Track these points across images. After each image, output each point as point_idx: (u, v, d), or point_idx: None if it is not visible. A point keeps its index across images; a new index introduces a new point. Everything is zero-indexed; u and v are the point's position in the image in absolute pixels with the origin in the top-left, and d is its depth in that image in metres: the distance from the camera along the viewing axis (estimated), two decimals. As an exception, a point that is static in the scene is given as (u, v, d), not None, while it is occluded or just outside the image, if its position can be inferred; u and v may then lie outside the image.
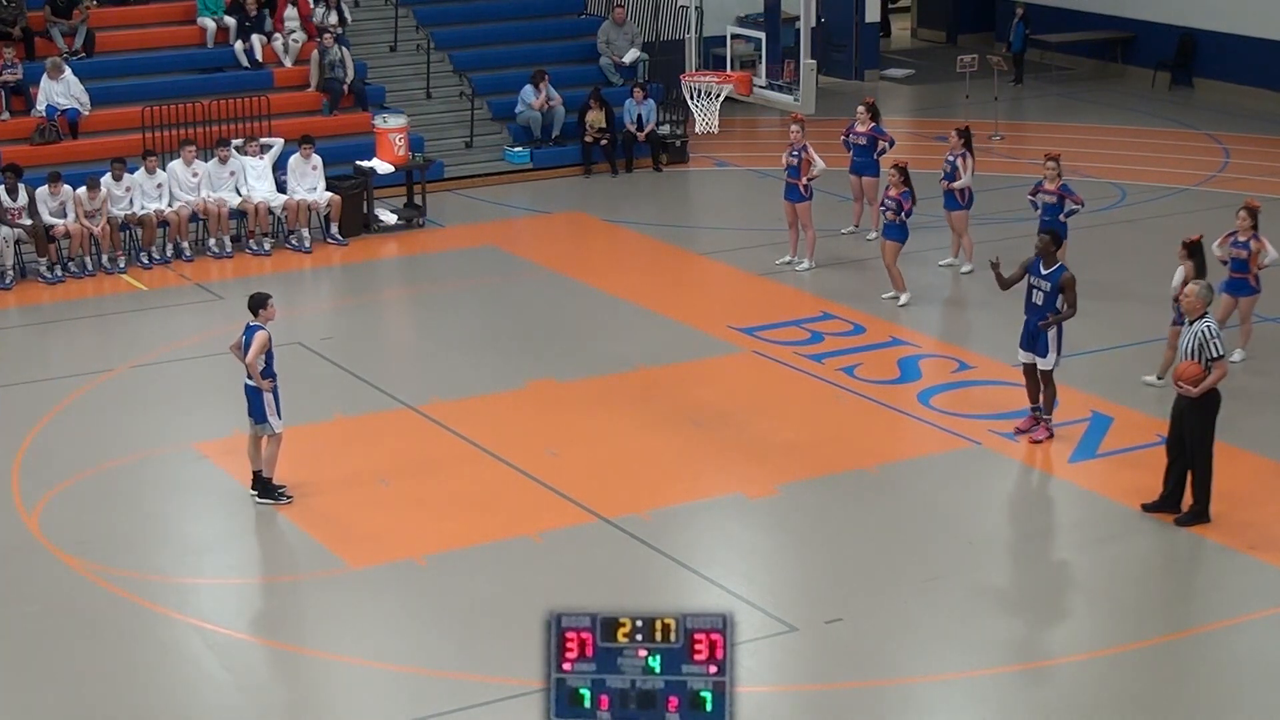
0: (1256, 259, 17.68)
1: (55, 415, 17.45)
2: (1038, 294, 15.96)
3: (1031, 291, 16.03)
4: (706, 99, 21.29)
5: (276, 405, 14.95)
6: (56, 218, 21.72)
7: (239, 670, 12.84)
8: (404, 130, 24.64)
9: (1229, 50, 31.05)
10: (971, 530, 14.86)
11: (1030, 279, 16.03)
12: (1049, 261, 15.98)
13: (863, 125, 22.39)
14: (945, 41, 36.81)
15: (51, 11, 25.45)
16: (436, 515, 15.11)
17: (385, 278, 22.98)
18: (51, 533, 14.78)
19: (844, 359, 18.60)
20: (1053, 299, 15.87)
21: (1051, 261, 16.00)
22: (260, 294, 15.08)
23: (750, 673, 12.20)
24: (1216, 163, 26.80)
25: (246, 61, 26.21)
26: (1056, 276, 15.88)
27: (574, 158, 26.79)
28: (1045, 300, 15.90)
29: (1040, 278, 15.95)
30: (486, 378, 18.25)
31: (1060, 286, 15.83)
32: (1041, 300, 15.92)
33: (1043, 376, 16.08)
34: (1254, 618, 13.29)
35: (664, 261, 22.72)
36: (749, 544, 14.88)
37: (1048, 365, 16.03)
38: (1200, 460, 14.47)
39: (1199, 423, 14.38)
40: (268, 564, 14.80)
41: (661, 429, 16.85)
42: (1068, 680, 12.47)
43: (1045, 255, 15.99)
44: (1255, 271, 17.75)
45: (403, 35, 28.03)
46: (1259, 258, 17.69)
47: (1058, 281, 15.85)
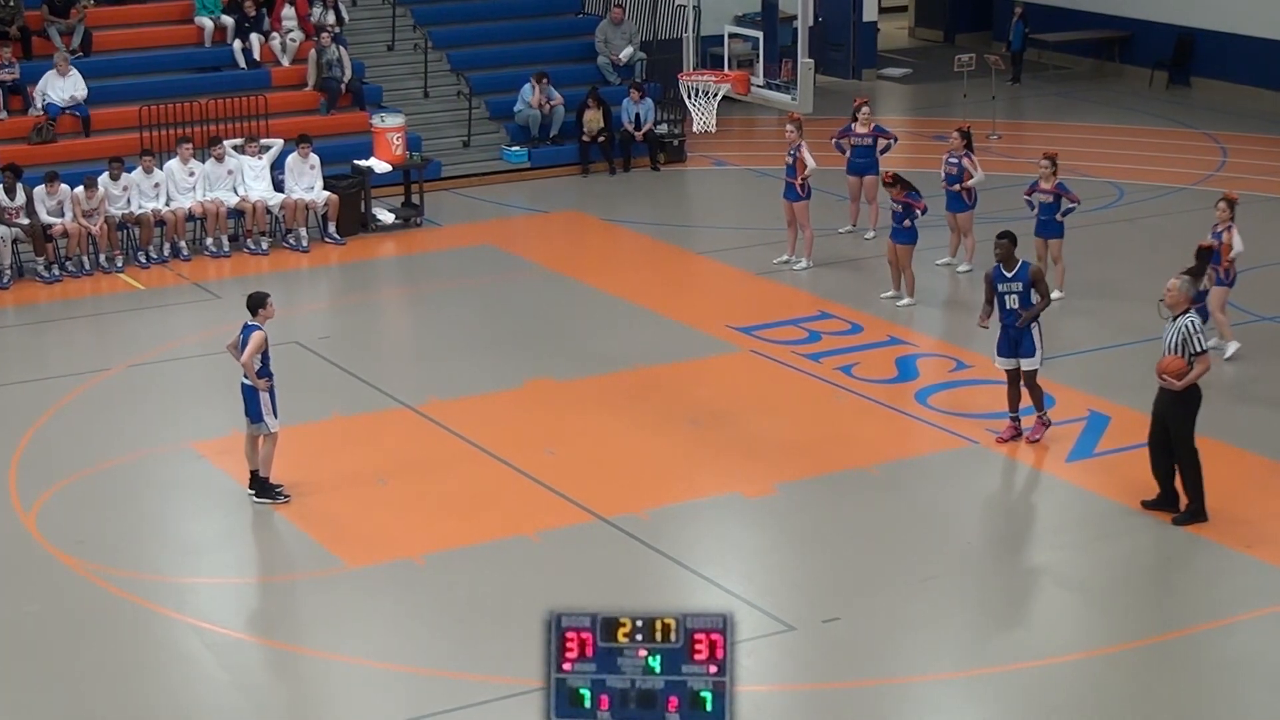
0: (1227, 251, 17.70)
1: (53, 415, 17.44)
2: (1011, 298, 15.97)
3: (1004, 298, 16.02)
4: (704, 98, 21.26)
5: (273, 404, 14.94)
6: (54, 217, 21.71)
7: (237, 670, 12.83)
8: (401, 129, 24.64)
9: (1227, 50, 31.05)
10: (969, 529, 14.87)
11: (998, 286, 16.02)
12: (1010, 264, 16.00)
13: (864, 126, 22.36)
14: (943, 41, 36.81)
15: (49, 10, 25.43)
16: (434, 515, 15.11)
17: (383, 277, 22.97)
18: (49, 532, 14.77)
19: (842, 358, 18.60)
20: (1026, 297, 15.90)
21: (1012, 263, 16.02)
22: (259, 293, 15.07)
23: (748, 672, 12.20)
24: (1214, 162, 26.81)
25: (244, 61, 26.19)
26: (1024, 274, 15.91)
27: (572, 157, 26.79)
28: (1020, 301, 15.93)
29: (1008, 281, 15.96)
30: (484, 377, 18.25)
31: (1031, 281, 15.87)
32: (1016, 302, 15.94)
33: (1026, 377, 16.06)
34: (1251, 616, 13.30)
35: (662, 261, 22.72)
36: (747, 543, 14.89)
37: (1035, 365, 16.02)
38: (1185, 457, 14.50)
39: (1181, 418, 14.41)
40: (266, 563, 14.80)
41: (660, 428, 16.85)
42: (1066, 680, 12.47)
43: (1005, 259, 16.02)
44: (1226, 264, 17.76)
45: (400, 34, 28.02)
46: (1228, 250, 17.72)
47: (1027, 278, 15.88)
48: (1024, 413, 16.23)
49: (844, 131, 22.65)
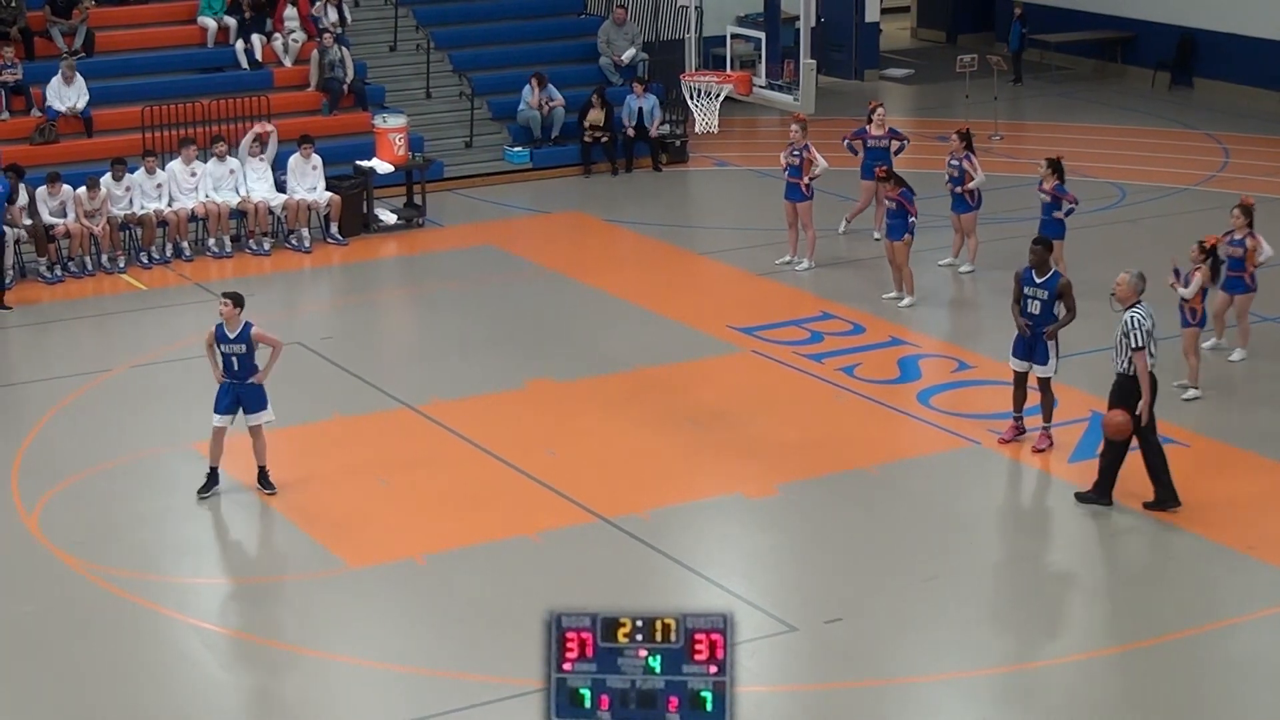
0: (1252, 257, 17.67)
1: (55, 415, 17.45)
2: (1034, 303, 15.95)
3: (1027, 301, 16.00)
4: (706, 99, 21.27)
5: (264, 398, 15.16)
6: (56, 217, 21.72)
7: (237, 670, 12.84)
8: (404, 130, 24.64)
9: (1229, 50, 31.03)
10: (971, 530, 14.87)
11: (1025, 289, 16.00)
12: (1042, 270, 15.98)
13: (879, 128, 22.18)
14: (945, 41, 36.80)
15: (51, 11, 25.43)
16: (436, 515, 15.11)
17: (385, 277, 22.97)
18: (51, 532, 14.78)
19: (844, 359, 18.60)
20: (1050, 306, 15.87)
21: (1045, 269, 16.00)
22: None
23: (750, 673, 12.20)
24: (1216, 162, 26.79)
25: (246, 62, 26.20)
26: (1053, 283, 15.89)
27: (574, 157, 26.78)
28: (1043, 308, 15.89)
29: (1035, 286, 15.94)
30: (486, 377, 18.25)
31: (1058, 293, 15.84)
32: (1039, 309, 15.91)
33: (1041, 384, 16.05)
34: (1253, 618, 13.29)
35: (664, 261, 22.72)
36: (748, 544, 14.89)
37: (1048, 372, 16.00)
38: (1144, 446, 14.69)
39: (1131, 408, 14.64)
40: (266, 564, 14.80)
41: (661, 429, 16.85)
42: (1067, 680, 12.47)
43: (1039, 264, 16.00)
44: (1251, 270, 17.74)
45: (402, 35, 28.02)
46: (1254, 255, 17.68)
47: (1055, 288, 15.86)
48: (1028, 413, 16.22)
49: (858, 134, 22.39)
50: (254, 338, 15.08)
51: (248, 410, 15.10)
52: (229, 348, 15.05)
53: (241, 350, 15.04)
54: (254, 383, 15.04)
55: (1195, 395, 17.12)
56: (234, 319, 15.06)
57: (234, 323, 15.07)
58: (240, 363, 15.05)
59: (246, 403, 15.08)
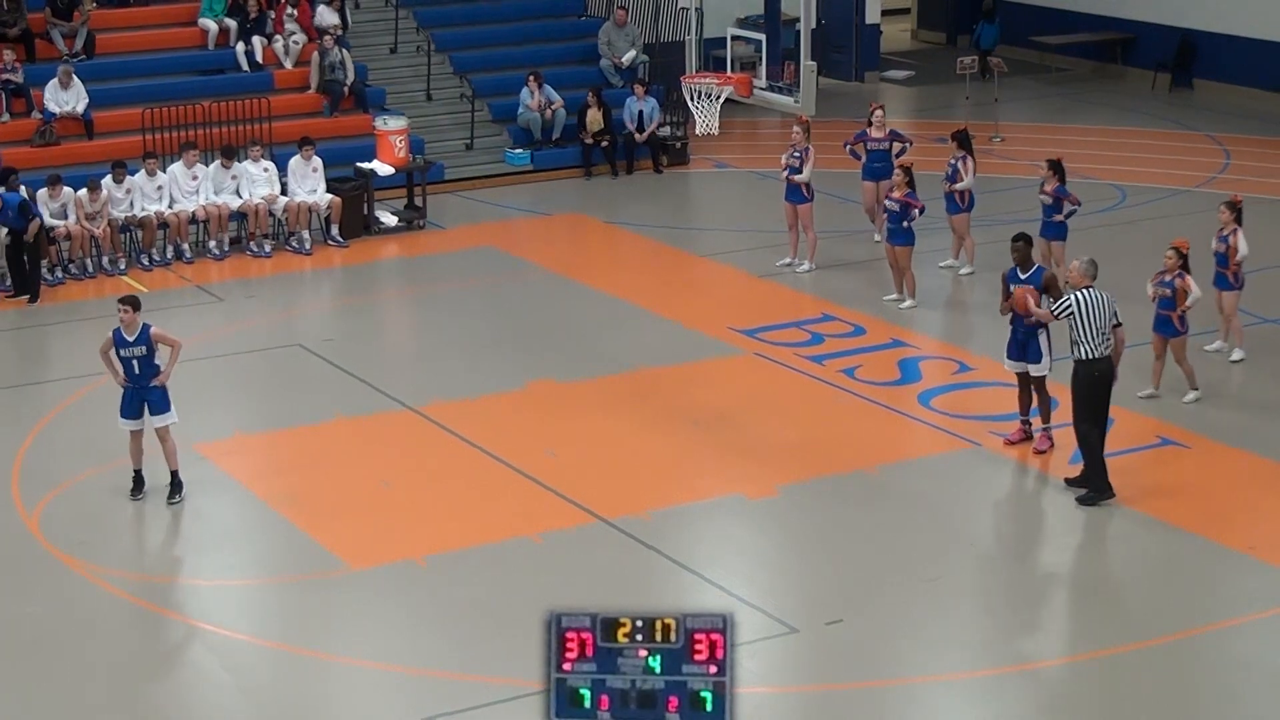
0: (1233, 254, 17.73)
1: (55, 416, 17.46)
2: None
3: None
4: (707, 101, 21.27)
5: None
6: (57, 219, 21.73)
7: (239, 671, 12.84)
8: (404, 132, 24.64)
9: (1229, 52, 31.03)
10: (972, 531, 14.87)
11: (1011, 287, 16.03)
12: (1026, 266, 16.03)
13: (879, 130, 22.12)
14: (945, 43, 36.80)
15: (52, 13, 25.44)
16: (436, 516, 15.11)
17: (385, 279, 22.98)
18: (51, 533, 14.78)
19: (844, 360, 18.60)
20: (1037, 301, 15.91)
21: (1028, 265, 16.05)
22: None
23: (751, 674, 12.21)
24: (1217, 164, 26.79)
25: (247, 64, 26.20)
26: (1037, 278, 15.93)
27: (574, 159, 26.79)
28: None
29: (1021, 283, 15.96)
30: (487, 379, 18.25)
31: (1044, 287, 15.89)
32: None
33: (1036, 384, 16.07)
34: (1253, 619, 13.30)
35: (664, 263, 22.72)
36: (749, 545, 14.89)
37: (1043, 370, 16.02)
38: (1077, 434, 15.00)
39: (1072, 395, 15.00)
40: (268, 565, 14.79)
41: (661, 430, 16.86)
42: (1067, 681, 12.48)
43: (1022, 261, 16.04)
44: (1234, 268, 17.81)
45: (403, 37, 28.02)
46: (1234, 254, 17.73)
47: (1040, 283, 15.90)
48: (1034, 414, 16.22)
49: (859, 136, 22.26)
50: (153, 338, 15.01)
51: (152, 412, 15.06)
52: (129, 351, 15.01)
53: (142, 353, 15.00)
54: (156, 385, 15.01)
55: (1195, 396, 17.13)
56: (133, 323, 15.02)
57: (132, 326, 15.02)
58: (141, 365, 15.02)
59: (150, 405, 15.04)
